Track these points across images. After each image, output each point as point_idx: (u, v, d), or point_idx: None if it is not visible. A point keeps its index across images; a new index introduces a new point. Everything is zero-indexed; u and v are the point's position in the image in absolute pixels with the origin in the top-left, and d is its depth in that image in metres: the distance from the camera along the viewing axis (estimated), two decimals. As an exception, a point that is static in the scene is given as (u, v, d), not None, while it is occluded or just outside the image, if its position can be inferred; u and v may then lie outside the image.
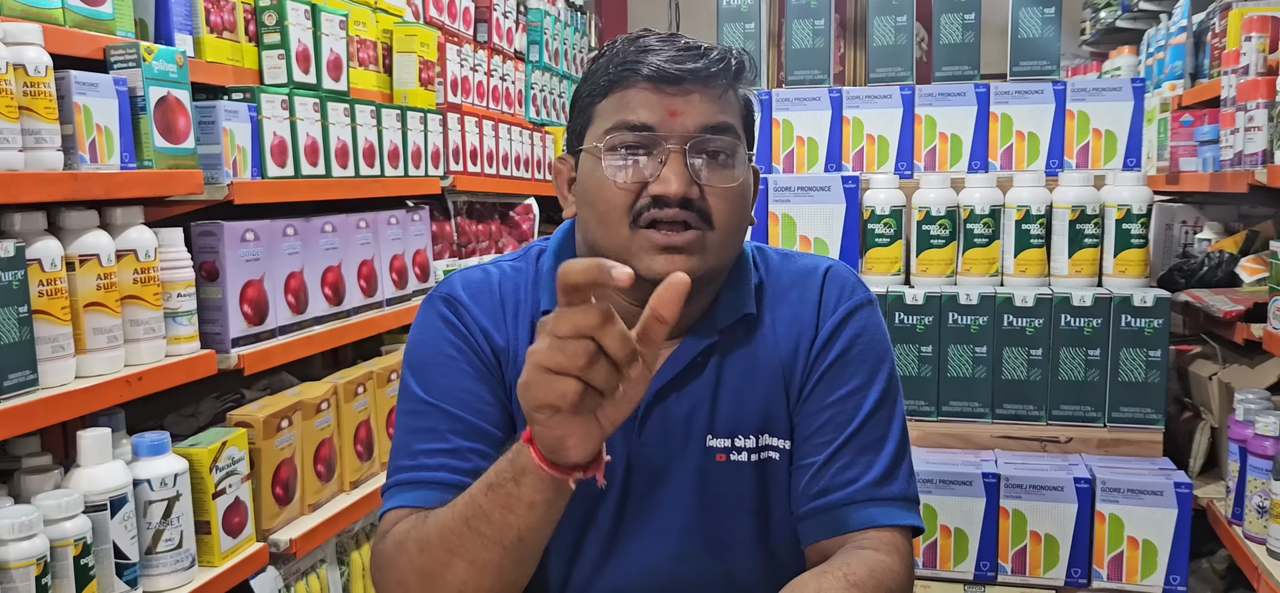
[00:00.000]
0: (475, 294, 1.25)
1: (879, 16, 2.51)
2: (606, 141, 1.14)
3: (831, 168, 2.44)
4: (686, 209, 1.13)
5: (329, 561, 2.28)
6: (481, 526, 1.02)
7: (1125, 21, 4.81)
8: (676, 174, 1.12)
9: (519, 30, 3.85)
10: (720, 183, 1.15)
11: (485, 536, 1.02)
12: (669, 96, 1.13)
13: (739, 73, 1.18)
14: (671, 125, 1.13)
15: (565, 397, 0.87)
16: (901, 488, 1.20)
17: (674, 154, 1.12)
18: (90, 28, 1.74)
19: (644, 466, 1.21)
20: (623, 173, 1.14)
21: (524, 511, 0.99)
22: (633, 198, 1.14)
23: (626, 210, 1.14)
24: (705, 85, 1.14)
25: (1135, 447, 2.15)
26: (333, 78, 2.40)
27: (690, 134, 1.13)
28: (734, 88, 1.18)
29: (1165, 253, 3.20)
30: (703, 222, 1.14)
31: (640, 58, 1.14)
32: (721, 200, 1.15)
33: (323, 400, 2.19)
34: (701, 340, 1.22)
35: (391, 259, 2.58)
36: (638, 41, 1.17)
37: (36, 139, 1.55)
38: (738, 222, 1.18)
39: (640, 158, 1.14)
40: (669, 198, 1.12)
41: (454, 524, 1.05)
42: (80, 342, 1.65)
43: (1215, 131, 2.86)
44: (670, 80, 1.13)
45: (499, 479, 1.01)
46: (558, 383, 0.87)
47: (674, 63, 1.13)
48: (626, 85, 1.14)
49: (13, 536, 1.43)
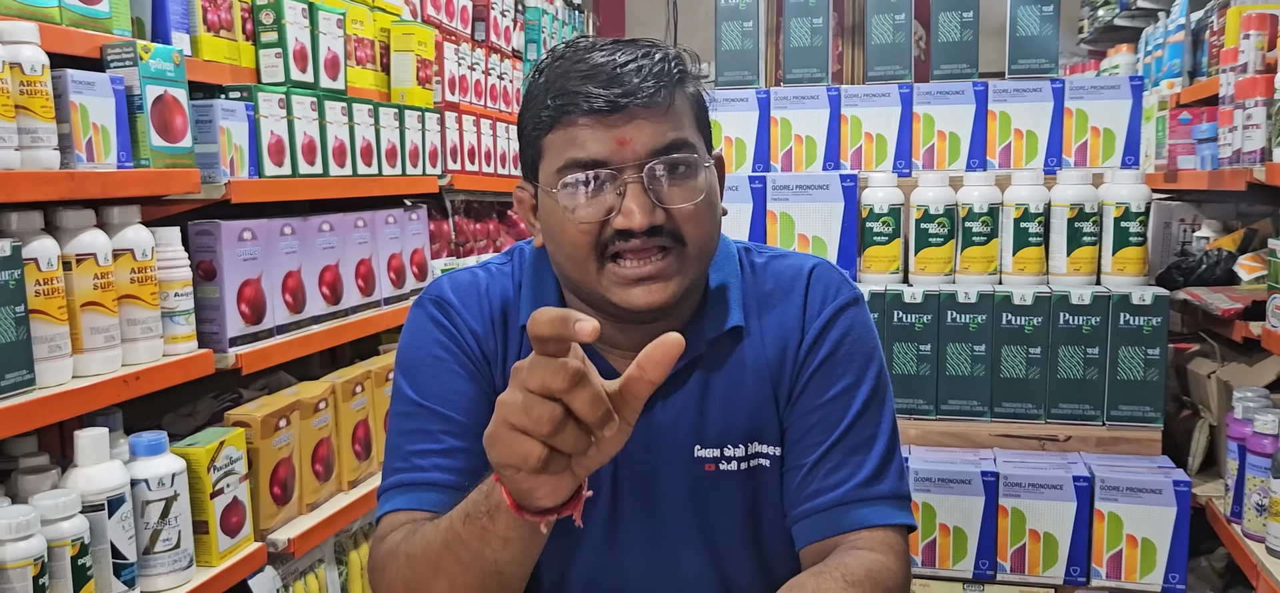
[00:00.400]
0: (464, 296, 1.25)
1: (877, 15, 2.51)
2: (560, 183, 1.11)
3: (830, 166, 2.44)
4: (655, 236, 1.11)
5: (327, 560, 2.28)
6: (460, 552, 1.01)
7: (1123, 19, 4.81)
8: (638, 205, 1.09)
9: (516, 29, 3.84)
10: (685, 200, 1.12)
11: (464, 562, 1.01)
12: (615, 127, 1.09)
13: (682, 78, 1.15)
14: (624, 154, 1.09)
15: (527, 460, 0.84)
16: (892, 486, 1.20)
17: (631, 184, 1.09)
18: (87, 26, 1.73)
19: (631, 476, 1.21)
20: (582, 210, 1.11)
21: (499, 545, 0.97)
22: (596, 234, 1.11)
23: (592, 249, 1.11)
24: (649, 105, 1.10)
25: (1134, 445, 2.15)
26: (330, 77, 2.40)
27: (643, 159, 1.10)
28: (681, 91, 1.14)
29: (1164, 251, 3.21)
30: (674, 241, 1.12)
31: (580, 88, 1.09)
32: (689, 218, 1.12)
33: (320, 400, 2.18)
34: (687, 352, 1.21)
35: (389, 258, 2.58)
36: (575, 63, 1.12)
37: (33, 138, 1.54)
38: (709, 229, 1.16)
39: (597, 193, 1.10)
40: (634, 230, 1.09)
41: (436, 546, 1.04)
42: (77, 341, 1.65)
43: (1213, 129, 2.86)
44: (614, 109, 1.09)
45: (474, 511, 0.98)
46: (521, 444, 0.84)
47: (615, 89, 1.08)
48: (569, 121, 1.10)
49: (10, 536, 1.43)
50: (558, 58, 1.14)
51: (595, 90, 1.09)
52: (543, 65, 1.15)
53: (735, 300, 1.23)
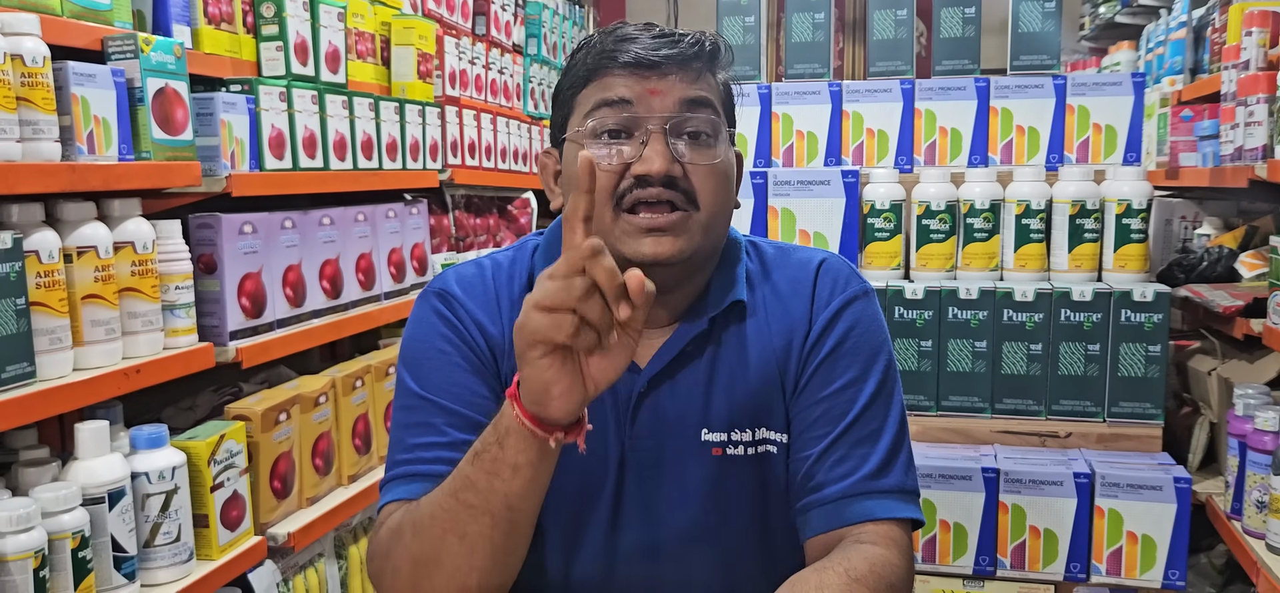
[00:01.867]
0: (469, 288, 1.25)
1: (879, 10, 2.50)
2: (587, 125, 1.16)
3: (831, 162, 2.44)
4: (670, 188, 1.14)
5: (327, 554, 2.28)
6: (469, 496, 1.03)
7: (1125, 16, 4.80)
8: (658, 153, 1.13)
9: (517, 23, 3.84)
10: (703, 161, 1.16)
11: (473, 506, 1.03)
12: (647, 79, 1.15)
13: (714, 56, 1.20)
14: (651, 104, 1.14)
15: (561, 328, 0.92)
16: (898, 480, 1.19)
17: (655, 134, 1.14)
18: (88, 18, 1.73)
19: (637, 458, 1.21)
20: (605, 157, 1.14)
21: (509, 474, 1.00)
22: (616, 181, 1.14)
23: (610, 194, 1.14)
24: (682, 67, 1.16)
25: (1134, 442, 2.15)
26: (331, 70, 2.39)
27: (670, 112, 1.15)
28: (712, 71, 1.20)
29: (1165, 248, 3.20)
30: (687, 202, 1.15)
31: (617, 46, 1.16)
32: (705, 179, 1.16)
33: (321, 394, 2.18)
34: (692, 329, 1.21)
35: (389, 252, 2.58)
36: (614, 33, 1.19)
37: (34, 130, 1.54)
38: (722, 201, 1.19)
39: (621, 141, 1.15)
40: (652, 176, 1.13)
41: (444, 500, 1.06)
42: (78, 334, 1.65)
43: (1215, 126, 2.86)
44: (647, 65, 1.14)
45: (484, 446, 1.03)
46: (553, 317, 0.92)
47: (650, 49, 1.15)
48: (605, 73, 1.16)
49: (10, 528, 1.43)
50: (599, 33, 1.21)
51: (632, 48, 1.15)
52: (583, 41, 1.22)
53: (738, 279, 1.25)
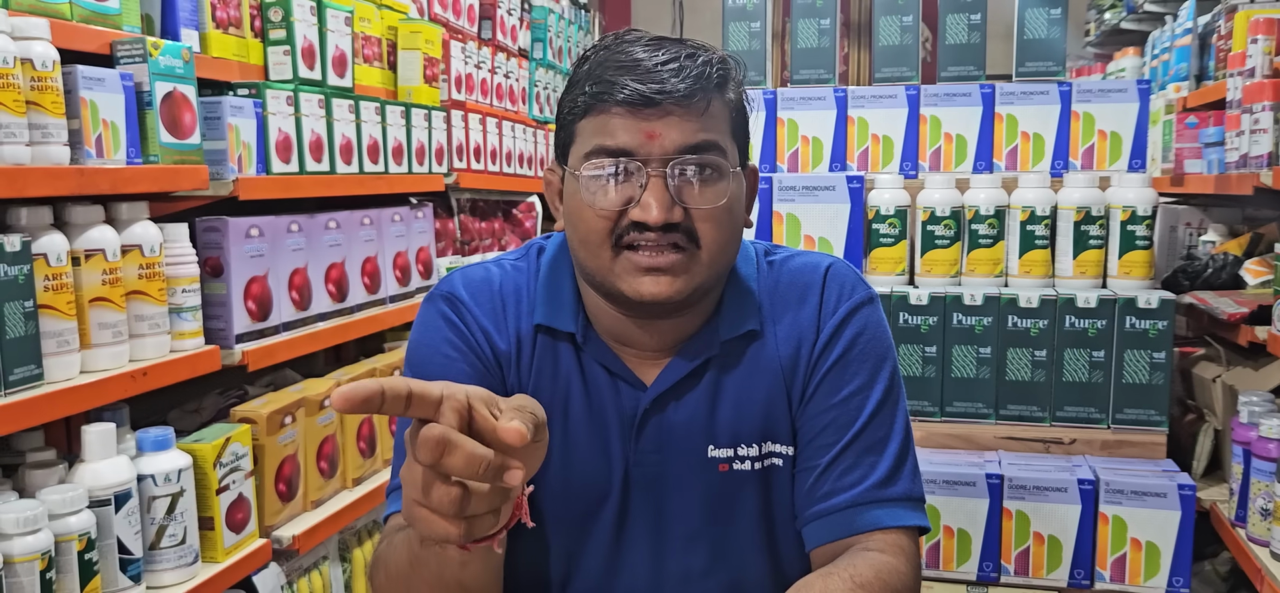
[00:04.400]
0: (476, 293, 1.24)
1: (884, 16, 2.51)
2: (584, 168, 1.12)
3: (836, 168, 2.44)
4: (670, 232, 1.11)
5: (331, 557, 2.28)
6: (422, 571, 1.01)
7: (1130, 23, 4.80)
8: (657, 199, 1.09)
9: (523, 27, 3.85)
10: (705, 203, 1.11)
11: (427, 580, 1.01)
12: (646, 119, 1.09)
13: (722, 82, 1.15)
14: (650, 148, 1.10)
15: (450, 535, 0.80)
16: (906, 488, 1.19)
17: (654, 178, 1.10)
18: (97, 23, 1.74)
19: (642, 475, 1.21)
20: (603, 198, 1.11)
21: (457, 568, 0.97)
22: (613, 223, 1.11)
23: (608, 235, 1.12)
24: (684, 104, 1.10)
25: (1139, 449, 2.15)
26: (338, 74, 2.40)
27: (669, 155, 1.10)
28: (720, 96, 1.14)
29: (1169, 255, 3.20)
30: (689, 241, 1.12)
31: (617, 78, 1.10)
32: (706, 220, 1.12)
33: (326, 397, 2.19)
34: (701, 352, 1.20)
35: (395, 256, 2.58)
36: (618, 53, 1.13)
37: (43, 134, 1.55)
38: (726, 238, 1.15)
39: (620, 181, 1.11)
40: (650, 224, 1.10)
41: (402, 563, 1.05)
42: (85, 337, 1.65)
43: (1220, 134, 2.86)
44: (647, 103, 1.09)
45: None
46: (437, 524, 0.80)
47: (650, 83, 1.09)
48: (603, 108, 1.11)
49: (17, 530, 1.43)
50: (603, 47, 1.15)
51: (632, 82, 1.09)
52: (588, 53, 1.17)
53: (751, 303, 1.23)
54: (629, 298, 1.13)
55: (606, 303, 1.18)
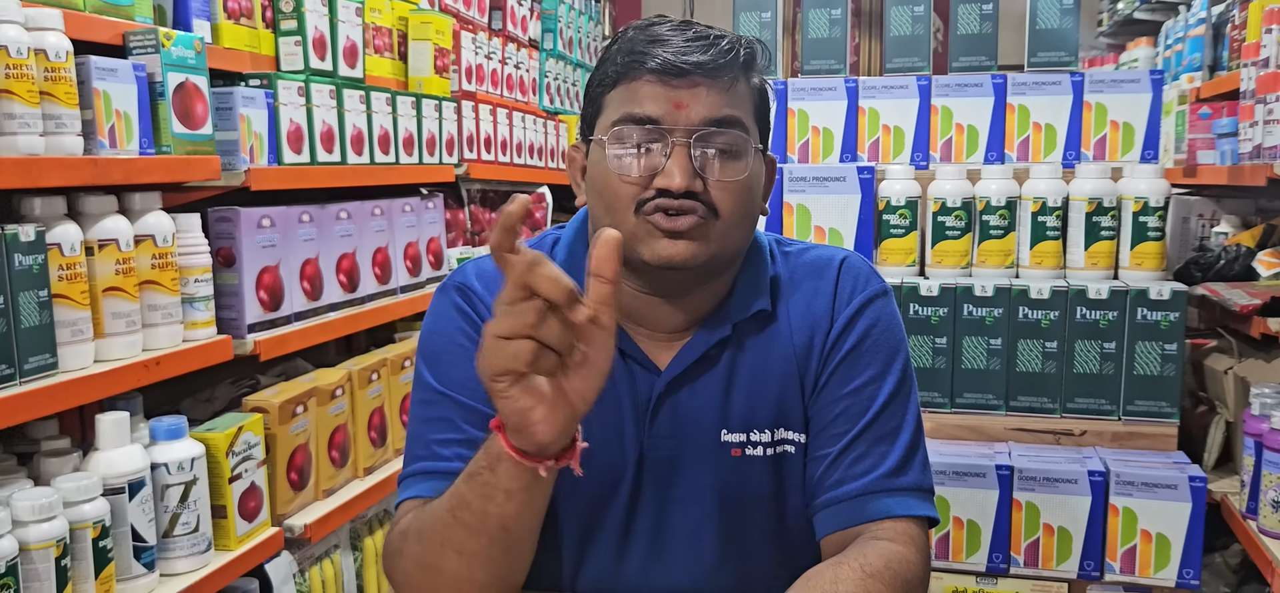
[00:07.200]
0: (489, 283, 1.24)
1: (896, 6, 2.50)
2: (612, 134, 1.15)
3: (847, 158, 2.44)
4: (691, 199, 1.13)
5: (342, 546, 2.29)
6: (464, 515, 1.02)
7: (1143, 13, 4.78)
8: (680, 167, 1.12)
9: (533, 18, 3.85)
10: (726, 177, 1.14)
11: (469, 525, 1.02)
12: (675, 89, 1.13)
13: (749, 63, 1.18)
14: (677, 118, 1.13)
15: (519, 357, 0.88)
16: (916, 478, 1.20)
17: (678, 147, 1.13)
18: (110, 14, 1.74)
19: (656, 459, 1.21)
20: (629, 165, 1.14)
21: (502, 499, 0.99)
22: (638, 189, 1.14)
23: (632, 201, 1.14)
24: (712, 78, 1.13)
25: (1150, 440, 2.14)
26: (349, 65, 2.40)
27: (695, 127, 1.13)
28: (745, 78, 1.17)
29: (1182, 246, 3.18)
30: (708, 211, 1.14)
31: (648, 50, 1.14)
32: (726, 193, 1.15)
33: (337, 387, 2.20)
34: (714, 333, 1.21)
35: (406, 246, 2.59)
36: (648, 30, 1.17)
37: (57, 124, 1.56)
38: (744, 213, 1.18)
39: (646, 150, 1.14)
40: (672, 190, 1.12)
41: (442, 514, 1.05)
42: (99, 326, 1.67)
43: (1234, 124, 2.84)
44: (676, 73, 1.12)
45: (476, 468, 1.01)
46: (510, 346, 0.88)
47: (680, 55, 1.13)
48: (633, 78, 1.14)
49: (33, 518, 1.45)
50: (634, 28, 1.19)
51: (663, 52, 1.13)
52: (618, 33, 1.20)
53: (764, 286, 1.24)
54: (648, 263, 1.14)
55: (624, 276, 1.19)
